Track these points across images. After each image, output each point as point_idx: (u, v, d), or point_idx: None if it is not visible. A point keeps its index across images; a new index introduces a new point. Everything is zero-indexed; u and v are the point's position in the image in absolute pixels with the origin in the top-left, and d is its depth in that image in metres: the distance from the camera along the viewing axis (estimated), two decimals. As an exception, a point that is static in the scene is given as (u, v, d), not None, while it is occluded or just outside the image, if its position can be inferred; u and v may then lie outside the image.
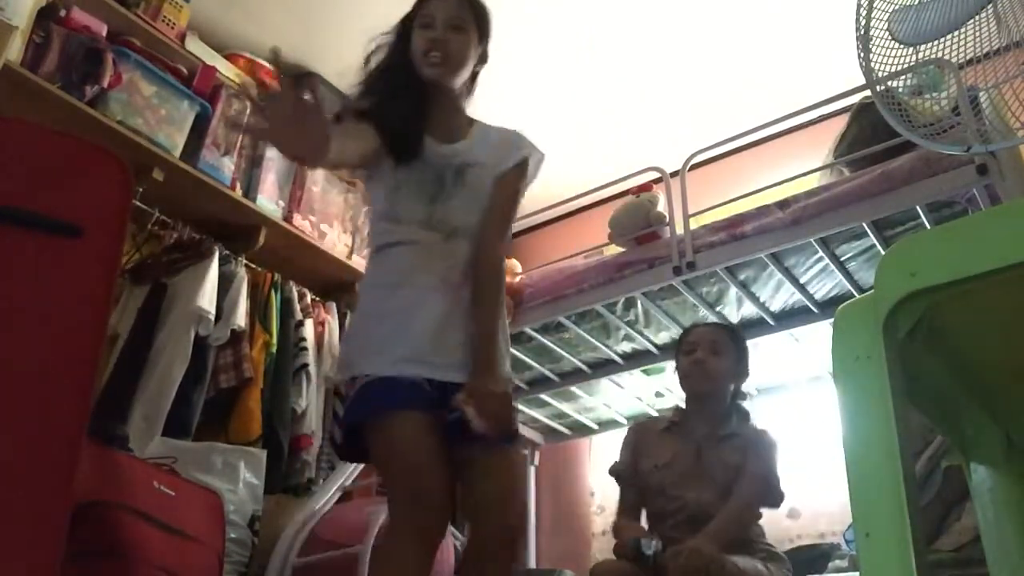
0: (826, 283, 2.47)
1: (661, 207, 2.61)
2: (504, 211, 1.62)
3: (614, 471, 2.22)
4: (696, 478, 2.03)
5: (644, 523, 2.14)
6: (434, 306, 1.51)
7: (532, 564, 3.30)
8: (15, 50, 2.32)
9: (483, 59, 1.71)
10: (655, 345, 2.84)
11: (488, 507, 1.45)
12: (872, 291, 0.80)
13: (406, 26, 1.67)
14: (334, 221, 3.26)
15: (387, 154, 1.58)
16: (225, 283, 2.72)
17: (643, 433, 2.24)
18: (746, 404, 2.24)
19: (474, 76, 1.71)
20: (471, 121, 1.72)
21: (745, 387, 2.72)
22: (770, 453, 2.05)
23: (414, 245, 1.55)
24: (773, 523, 2.07)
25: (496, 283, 1.56)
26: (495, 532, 1.45)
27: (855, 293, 2.41)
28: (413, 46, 1.63)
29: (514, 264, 2.91)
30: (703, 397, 2.16)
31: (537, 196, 3.43)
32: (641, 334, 2.78)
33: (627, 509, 2.15)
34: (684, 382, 2.21)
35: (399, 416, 1.41)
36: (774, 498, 2.02)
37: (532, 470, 3.51)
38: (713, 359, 2.14)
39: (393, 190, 1.59)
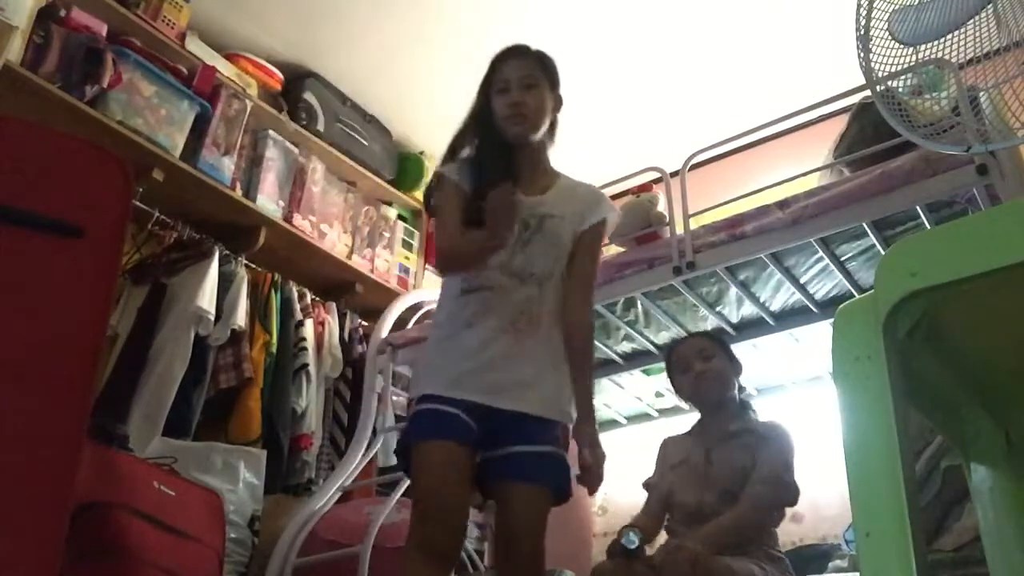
0: (826, 283, 2.47)
1: (661, 207, 2.61)
2: (589, 274, 1.74)
3: (644, 484, 2.22)
4: (702, 479, 2.03)
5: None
6: (496, 345, 1.62)
7: (532, 564, 3.30)
8: (15, 50, 2.33)
9: (558, 106, 1.83)
10: (655, 345, 2.84)
11: (516, 539, 1.58)
12: (872, 291, 0.80)
13: (486, 94, 1.79)
14: (334, 221, 3.26)
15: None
16: (225, 283, 2.73)
17: (669, 443, 2.24)
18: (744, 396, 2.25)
19: (553, 124, 1.83)
20: (556, 175, 1.84)
21: (744, 387, 2.72)
22: (782, 448, 2.03)
23: (491, 290, 1.65)
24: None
25: (590, 348, 1.72)
26: (517, 562, 1.58)
27: (855, 293, 2.41)
28: (495, 111, 1.75)
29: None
30: (716, 404, 2.16)
31: (537, 196, 3.44)
32: (641, 334, 2.78)
33: (643, 514, 2.15)
34: (696, 397, 2.20)
35: (431, 445, 1.55)
36: (789, 496, 2.00)
37: (532, 470, 3.51)
38: (709, 364, 2.15)
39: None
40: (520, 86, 1.73)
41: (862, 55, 1.75)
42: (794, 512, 2.14)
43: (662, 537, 2.06)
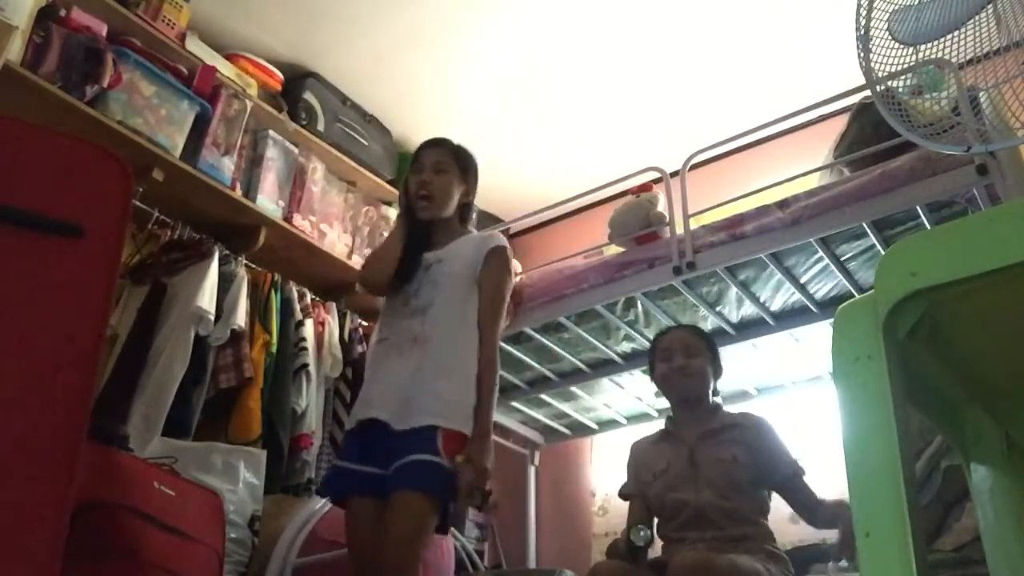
0: (826, 283, 2.47)
1: (661, 207, 2.61)
2: (489, 304, 1.95)
3: (622, 494, 2.22)
4: (692, 480, 2.02)
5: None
6: (386, 366, 1.91)
7: (532, 564, 3.30)
8: (15, 50, 2.32)
9: (469, 192, 2.10)
10: (655, 345, 2.84)
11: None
12: (872, 291, 0.80)
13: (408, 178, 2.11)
14: (334, 221, 3.26)
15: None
16: (225, 283, 2.72)
17: (639, 450, 2.25)
18: (718, 399, 2.26)
19: (465, 207, 2.12)
20: (462, 233, 2.09)
21: (744, 387, 2.72)
22: (775, 433, 2.09)
23: (385, 341, 1.95)
24: (775, 526, 2.06)
25: (491, 368, 1.88)
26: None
27: (855, 293, 2.41)
28: (408, 190, 2.08)
29: (514, 264, 2.91)
30: (690, 401, 2.17)
31: (537, 196, 3.44)
32: (641, 334, 2.78)
33: (634, 523, 2.15)
34: (668, 388, 2.22)
35: (351, 504, 1.83)
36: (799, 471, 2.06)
37: (532, 470, 3.51)
38: (691, 361, 2.17)
39: (387, 299, 2.05)
40: (430, 168, 2.04)
41: (862, 55, 1.75)
42: (793, 513, 2.13)
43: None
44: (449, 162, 2.06)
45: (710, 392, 2.19)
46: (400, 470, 1.72)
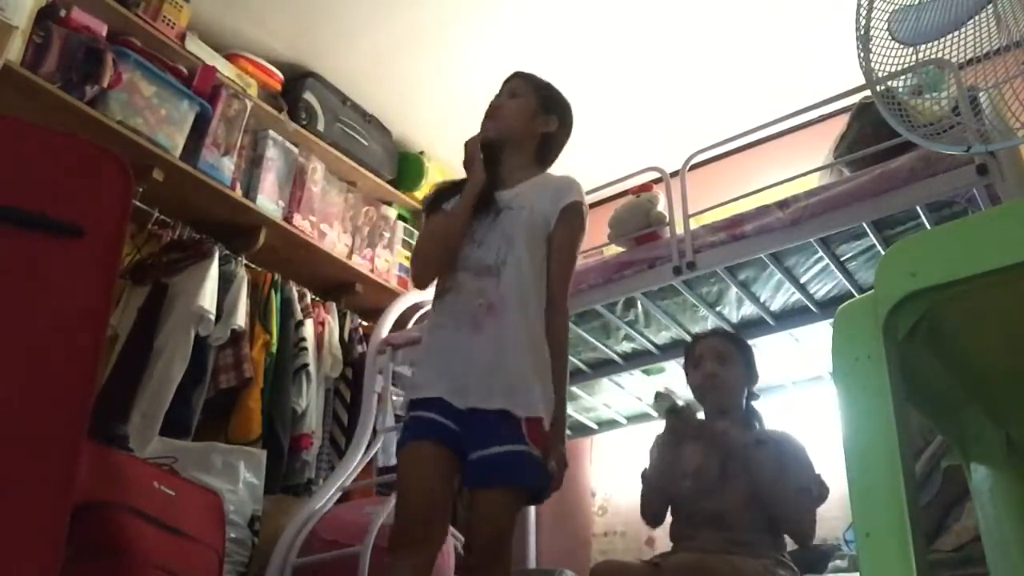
0: (826, 283, 2.46)
1: (661, 207, 2.61)
2: (563, 271, 1.77)
3: (644, 476, 2.14)
4: (720, 488, 1.98)
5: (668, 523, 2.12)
6: (457, 340, 1.68)
7: (532, 564, 3.30)
8: (15, 50, 2.33)
9: (549, 125, 1.90)
10: (655, 345, 2.84)
11: (473, 534, 1.66)
12: (872, 291, 0.80)
13: None
14: (334, 221, 3.26)
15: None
16: (225, 283, 2.73)
17: (672, 440, 2.15)
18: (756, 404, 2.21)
19: (544, 142, 1.92)
20: (535, 173, 1.89)
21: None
22: (806, 456, 2.00)
23: (453, 291, 1.73)
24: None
25: (564, 348, 1.72)
26: (476, 555, 1.67)
27: (855, 293, 2.41)
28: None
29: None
30: (724, 411, 2.12)
31: (537, 196, 3.44)
32: (641, 334, 2.78)
33: (648, 511, 2.11)
34: (700, 396, 2.18)
35: (409, 448, 1.63)
36: (821, 495, 1.97)
37: (532, 470, 3.51)
38: (723, 369, 2.11)
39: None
40: (505, 94, 1.91)
41: (862, 55, 1.75)
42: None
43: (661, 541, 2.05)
44: (527, 89, 1.91)
45: (743, 400, 2.13)
46: (501, 461, 1.58)
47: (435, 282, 1.80)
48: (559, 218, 1.77)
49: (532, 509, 3.41)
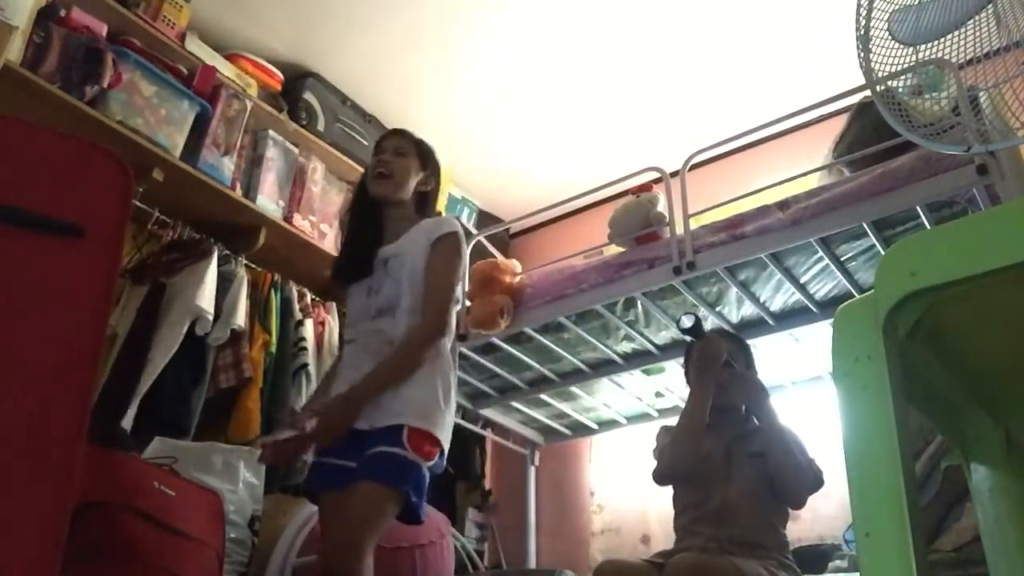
0: (826, 283, 2.47)
1: (661, 207, 2.61)
2: (431, 290, 1.89)
3: (656, 472, 2.16)
4: (725, 477, 2.01)
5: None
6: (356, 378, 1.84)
7: (532, 564, 3.30)
8: (15, 50, 2.32)
9: (427, 181, 2.10)
10: (655, 345, 2.84)
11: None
12: (872, 291, 0.80)
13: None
14: (334, 221, 3.26)
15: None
16: (225, 283, 2.72)
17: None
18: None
19: (423, 197, 2.10)
20: (419, 222, 2.04)
21: None
22: (799, 442, 2.05)
23: (356, 340, 1.94)
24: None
25: (404, 350, 1.84)
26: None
27: (855, 293, 2.41)
28: (368, 172, 2.10)
29: (514, 264, 2.91)
30: (725, 410, 2.14)
31: (537, 196, 3.44)
32: (641, 334, 2.78)
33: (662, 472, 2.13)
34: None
35: (321, 505, 1.88)
36: (820, 482, 2.02)
37: (532, 470, 3.51)
38: (724, 371, 2.13)
39: (349, 296, 2.03)
40: (391, 153, 2.06)
41: (862, 55, 1.75)
42: (792, 513, 2.12)
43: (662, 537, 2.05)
44: (409, 148, 2.08)
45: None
46: (365, 461, 1.72)
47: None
48: (433, 246, 1.94)
49: (532, 509, 3.41)
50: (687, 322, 2.06)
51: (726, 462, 2.03)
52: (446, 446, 1.84)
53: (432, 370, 1.84)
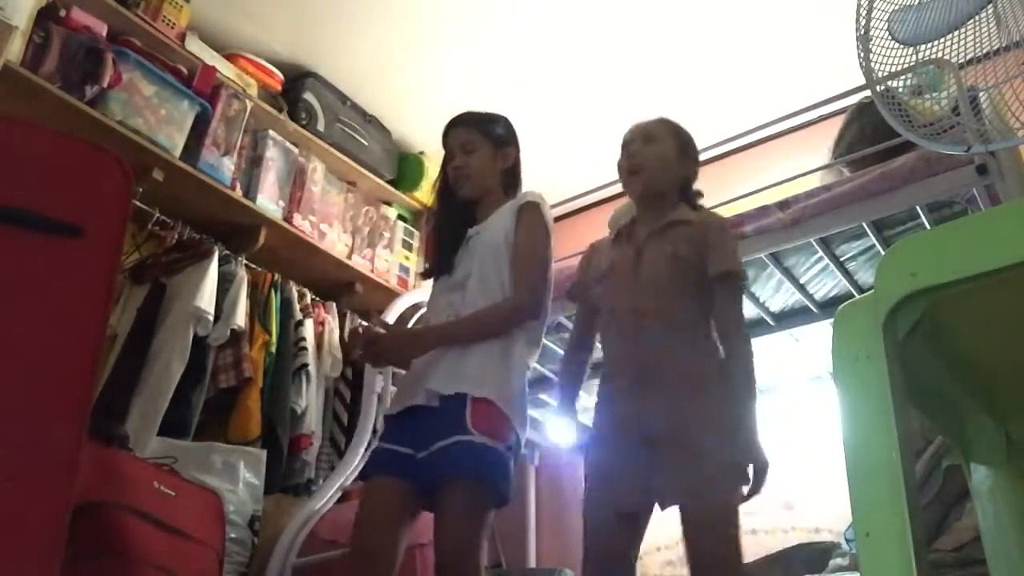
0: (826, 283, 2.47)
1: (661, 207, 2.60)
2: (519, 257, 1.83)
3: (565, 291, 2.01)
4: (632, 282, 1.75)
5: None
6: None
7: (532, 564, 3.30)
8: (15, 50, 2.32)
9: (508, 159, 2.01)
10: (655, 345, 2.84)
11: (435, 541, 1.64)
12: (872, 291, 0.80)
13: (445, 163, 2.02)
14: (334, 221, 3.26)
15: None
16: (225, 283, 2.72)
17: (592, 251, 1.99)
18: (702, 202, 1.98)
19: (509, 173, 2.01)
20: (503, 203, 1.96)
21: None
22: (723, 234, 1.78)
23: (429, 312, 1.92)
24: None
25: (485, 313, 1.77)
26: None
27: (855, 293, 2.41)
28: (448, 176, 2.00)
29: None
30: (643, 198, 1.88)
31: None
32: (641, 334, 2.77)
33: (574, 336, 1.98)
34: (625, 185, 1.94)
35: (365, 486, 1.75)
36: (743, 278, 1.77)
37: (532, 470, 3.51)
38: (648, 149, 1.86)
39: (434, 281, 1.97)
40: (461, 152, 1.96)
41: (862, 55, 1.75)
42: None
43: None
44: (476, 138, 1.98)
45: (674, 188, 1.88)
46: (440, 457, 1.62)
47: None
48: (516, 221, 1.86)
49: (532, 509, 3.41)
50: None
51: (634, 266, 1.79)
52: (521, 434, 1.72)
53: (510, 351, 1.75)
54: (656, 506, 1.62)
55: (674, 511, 1.58)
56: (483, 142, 1.98)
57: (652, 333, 1.69)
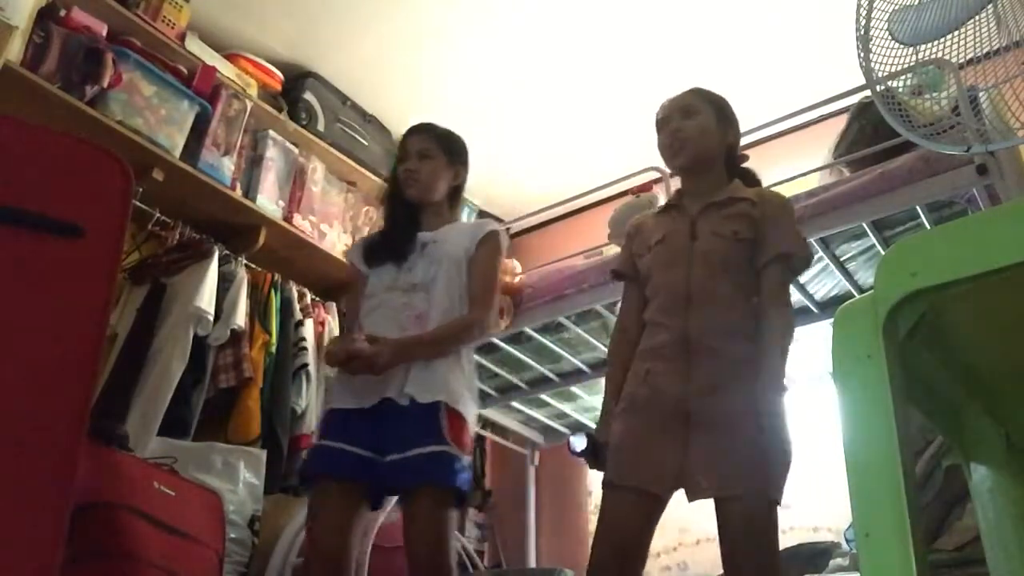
0: (826, 283, 2.47)
1: (661, 207, 2.60)
2: (481, 283, 1.92)
3: (612, 270, 1.93)
4: (687, 256, 1.70)
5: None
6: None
7: (532, 564, 3.30)
8: (15, 50, 2.32)
9: (457, 176, 2.07)
10: (655, 345, 2.84)
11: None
12: (872, 291, 0.80)
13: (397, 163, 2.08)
14: (334, 221, 3.26)
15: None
16: (225, 283, 2.72)
17: (639, 223, 1.90)
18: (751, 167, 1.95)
19: (456, 190, 2.09)
20: (455, 220, 2.09)
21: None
22: (787, 215, 1.74)
23: (377, 311, 1.90)
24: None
25: (451, 328, 1.85)
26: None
27: (855, 293, 2.41)
28: (399, 176, 2.04)
29: (514, 264, 2.91)
30: (691, 169, 1.83)
31: (537, 196, 3.44)
32: (641, 334, 2.77)
33: (624, 319, 1.84)
34: (668, 158, 1.87)
35: (319, 489, 1.75)
36: (806, 261, 1.73)
37: (532, 470, 3.51)
38: (688, 122, 1.80)
39: (372, 274, 1.99)
40: (416, 157, 2.02)
41: (862, 55, 1.75)
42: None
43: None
44: (434, 148, 2.04)
45: (718, 158, 1.84)
46: (412, 463, 1.68)
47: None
48: (477, 247, 1.95)
49: (532, 509, 3.41)
50: (579, 444, 1.73)
51: (688, 239, 1.75)
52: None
53: (460, 361, 1.85)
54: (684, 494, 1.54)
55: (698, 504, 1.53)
56: (440, 154, 2.04)
57: (702, 308, 1.64)
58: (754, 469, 1.51)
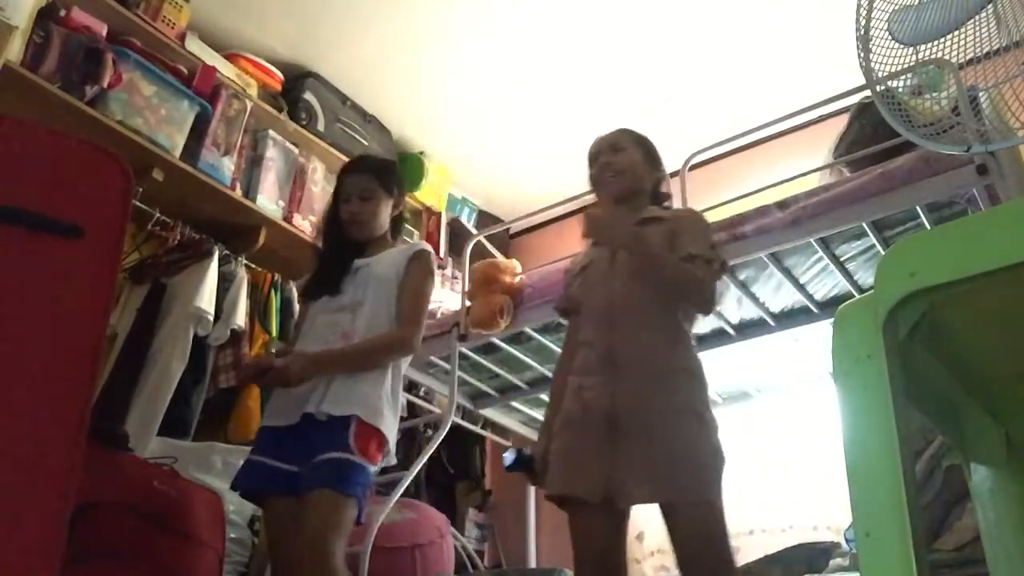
0: (826, 283, 2.47)
1: (661, 207, 2.60)
2: (410, 301, 1.98)
3: (554, 306, 2.02)
4: (608, 275, 1.78)
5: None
6: None
7: (532, 564, 3.30)
8: (15, 50, 2.33)
9: (397, 206, 2.14)
10: (655, 345, 2.84)
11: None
12: (872, 291, 0.80)
13: (335, 200, 2.13)
14: (334, 221, 3.26)
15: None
16: (225, 283, 2.73)
17: (573, 262, 2.00)
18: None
19: (397, 219, 2.17)
20: (392, 246, 2.13)
21: (744, 387, 2.58)
22: (698, 226, 1.81)
23: (306, 335, 1.98)
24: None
25: (372, 342, 1.90)
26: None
27: (855, 293, 2.41)
28: (340, 215, 2.08)
29: (514, 264, 2.91)
30: (618, 201, 1.88)
31: (537, 196, 3.44)
32: (641, 334, 2.77)
33: (569, 340, 1.91)
34: (597, 191, 1.96)
35: (267, 506, 1.86)
36: (721, 272, 1.77)
37: (532, 470, 3.51)
38: (617, 158, 1.90)
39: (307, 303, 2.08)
40: (358, 198, 2.05)
41: (862, 55, 1.75)
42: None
43: None
44: (372, 186, 2.07)
45: (647, 191, 1.92)
46: (315, 468, 1.73)
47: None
48: (406, 267, 2.01)
49: (532, 509, 3.41)
50: (509, 459, 1.82)
51: (610, 263, 1.83)
52: (391, 448, 1.88)
53: (383, 377, 1.89)
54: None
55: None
56: (380, 191, 2.08)
57: (624, 319, 1.71)
58: (684, 473, 1.56)
